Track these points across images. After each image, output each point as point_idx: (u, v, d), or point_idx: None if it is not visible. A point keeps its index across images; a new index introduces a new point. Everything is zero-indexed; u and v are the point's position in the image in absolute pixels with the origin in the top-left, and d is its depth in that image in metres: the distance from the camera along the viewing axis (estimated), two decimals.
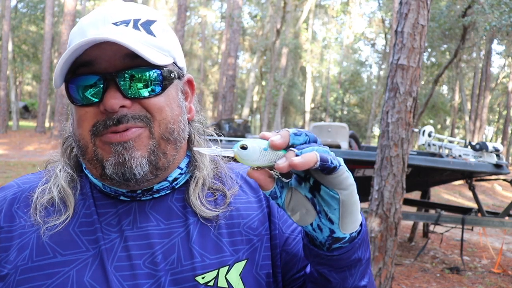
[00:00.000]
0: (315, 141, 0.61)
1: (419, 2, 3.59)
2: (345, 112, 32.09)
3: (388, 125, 3.70)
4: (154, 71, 0.71)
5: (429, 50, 16.79)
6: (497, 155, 6.13)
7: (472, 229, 6.64)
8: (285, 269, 0.82)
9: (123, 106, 0.69)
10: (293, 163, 0.55)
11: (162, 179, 0.77)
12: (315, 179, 0.62)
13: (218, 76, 32.86)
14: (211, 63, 38.34)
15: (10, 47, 23.61)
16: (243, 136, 9.61)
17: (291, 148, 0.58)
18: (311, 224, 0.64)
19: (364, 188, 5.07)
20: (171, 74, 0.74)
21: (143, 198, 0.77)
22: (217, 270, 0.74)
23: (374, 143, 25.60)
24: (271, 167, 0.61)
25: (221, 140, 0.90)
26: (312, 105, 32.88)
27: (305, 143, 0.60)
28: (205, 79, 34.29)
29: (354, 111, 32.08)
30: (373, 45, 29.23)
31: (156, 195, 0.78)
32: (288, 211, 0.64)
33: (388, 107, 3.72)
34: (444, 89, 27.91)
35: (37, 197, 0.75)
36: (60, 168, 0.79)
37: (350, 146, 7.03)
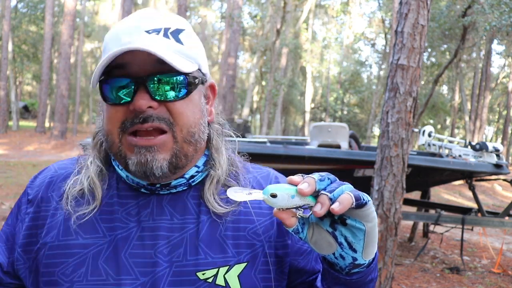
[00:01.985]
0: (335, 180, 0.68)
1: (419, 2, 3.59)
2: (345, 112, 32.04)
3: (388, 125, 3.70)
4: (180, 76, 0.77)
5: (429, 50, 16.78)
6: (497, 155, 6.13)
7: (472, 229, 6.63)
8: (293, 276, 0.88)
9: (150, 107, 0.75)
10: (333, 210, 0.62)
11: (179, 176, 0.83)
12: (340, 215, 0.68)
13: (218, 76, 32.87)
14: (211, 63, 38.32)
15: (10, 47, 23.59)
16: (243, 136, 9.57)
17: (322, 192, 0.65)
18: (333, 254, 0.71)
19: (364, 188, 5.06)
20: (195, 80, 0.80)
21: (161, 192, 0.83)
22: (217, 269, 0.79)
23: (374, 143, 25.59)
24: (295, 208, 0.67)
25: (238, 140, 0.95)
26: (312, 105, 32.86)
27: (328, 185, 0.66)
28: None
29: (354, 111, 32.03)
30: (373, 45, 29.20)
31: (173, 191, 0.84)
32: (311, 244, 0.71)
33: (388, 107, 3.72)
34: (444, 89, 27.89)
35: (69, 187, 0.84)
36: (91, 160, 0.86)
37: (350, 146, 7.02)
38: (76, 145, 18.41)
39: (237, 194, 0.67)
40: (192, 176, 0.84)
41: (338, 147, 6.52)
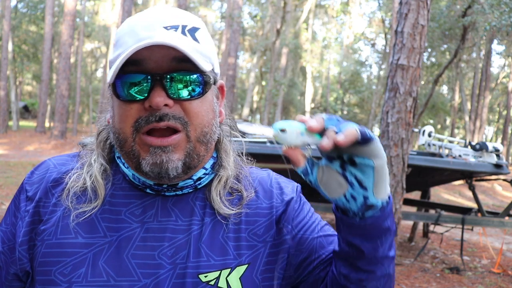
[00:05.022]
0: (342, 121, 0.68)
1: (419, 2, 3.59)
2: (345, 112, 32.04)
3: (388, 125, 3.70)
4: (197, 75, 0.76)
5: (429, 50, 16.78)
6: (497, 155, 6.13)
7: (472, 229, 6.64)
8: (301, 266, 0.86)
9: (166, 105, 0.74)
10: (338, 142, 0.63)
11: (188, 177, 0.82)
12: (349, 155, 0.68)
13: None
14: None
15: (10, 47, 23.60)
16: (242, 137, 9.57)
17: (329, 127, 0.66)
18: (345, 196, 0.70)
19: None
20: (210, 80, 0.79)
21: (167, 194, 0.82)
22: (219, 271, 0.79)
23: None
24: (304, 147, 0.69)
25: (245, 141, 0.95)
26: (312, 105, 32.86)
27: (335, 124, 0.67)
28: None
29: (354, 111, 32.04)
30: (373, 45, 29.22)
31: (179, 192, 0.83)
32: (321, 186, 0.71)
33: (388, 107, 3.73)
34: (444, 89, 27.90)
35: (71, 182, 0.82)
36: (94, 158, 0.84)
37: None
38: (76, 145, 18.39)
39: (248, 127, 0.69)
40: (199, 178, 0.83)
41: None
